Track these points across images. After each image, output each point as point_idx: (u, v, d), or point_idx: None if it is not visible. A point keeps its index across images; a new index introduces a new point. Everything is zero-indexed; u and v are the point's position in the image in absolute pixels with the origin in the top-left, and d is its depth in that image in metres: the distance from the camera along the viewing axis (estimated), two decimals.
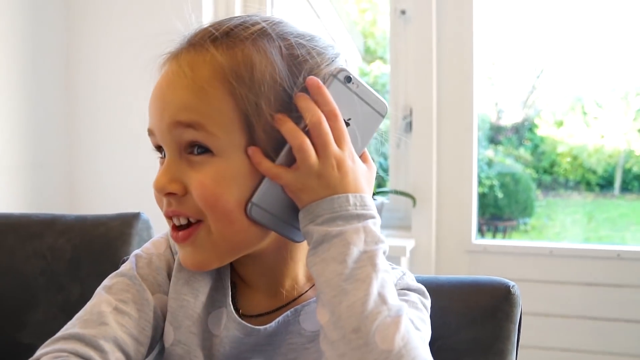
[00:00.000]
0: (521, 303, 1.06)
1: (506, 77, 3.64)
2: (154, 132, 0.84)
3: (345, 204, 0.79)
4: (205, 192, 0.79)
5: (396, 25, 2.70)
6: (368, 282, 0.74)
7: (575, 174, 3.70)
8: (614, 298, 2.58)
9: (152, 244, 0.94)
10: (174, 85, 0.81)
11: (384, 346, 0.70)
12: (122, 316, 0.83)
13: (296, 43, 0.83)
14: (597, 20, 3.27)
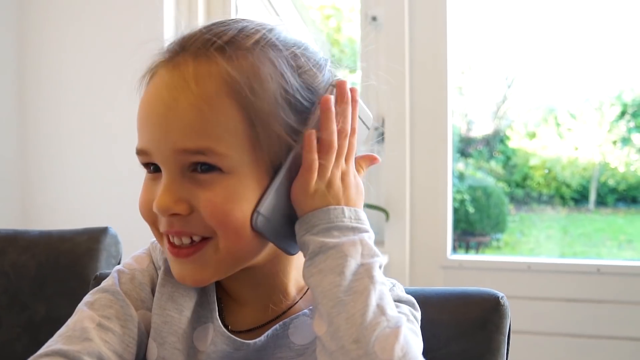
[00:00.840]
0: (510, 314, 1.10)
1: (476, 87, 3.66)
2: (150, 152, 0.85)
3: (341, 215, 0.84)
4: (217, 211, 0.82)
5: (367, 32, 2.73)
6: (366, 294, 0.79)
7: (549, 188, 3.74)
8: (594, 314, 2.63)
9: (134, 260, 0.97)
10: (178, 103, 0.82)
11: (384, 356, 0.75)
12: (105, 332, 0.86)
13: (298, 52, 0.88)
14: (570, 28, 3.33)
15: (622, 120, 3.60)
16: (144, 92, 0.88)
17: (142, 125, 0.86)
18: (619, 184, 3.68)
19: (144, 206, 0.88)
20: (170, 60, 0.86)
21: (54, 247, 1.61)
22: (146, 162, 0.88)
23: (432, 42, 2.70)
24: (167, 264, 0.93)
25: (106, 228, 1.63)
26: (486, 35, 3.43)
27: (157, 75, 0.86)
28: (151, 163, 0.87)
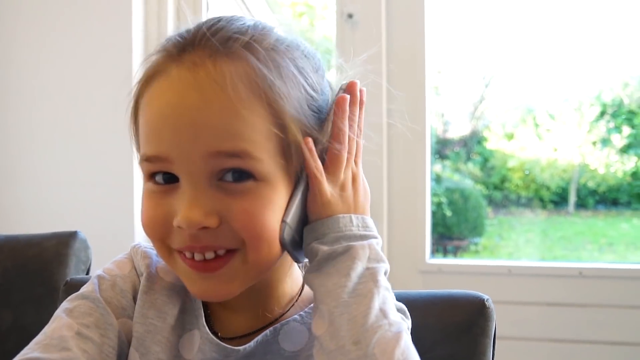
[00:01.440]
0: (495, 317, 1.13)
1: (453, 87, 3.68)
2: (172, 158, 0.81)
3: (349, 224, 0.86)
4: (253, 221, 0.81)
5: (342, 30, 2.75)
6: (370, 297, 0.81)
7: (528, 190, 3.74)
8: (576, 318, 2.66)
9: (115, 265, 0.96)
10: (210, 104, 0.80)
11: (384, 359, 0.76)
12: (84, 341, 0.85)
13: (306, 52, 0.89)
14: (549, 27, 3.35)
15: (601, 121, 3.62)
16: (148, 94, 0.85)
17: (161, 129, 0.82)
18: (599, 186, 3.70)
19: (154, 222, 0.85)
20: (180, 58, 0.83)
21: (20, 252, 1.61)
22: (157, 171, 0.84)
23: (410, 40, 2.72)
24: (149, 270, 0.94)
25: (75, 232, 1.63)
26: (463, 34, 3.44)
27: (168, 75, 0.83)
28: (164, 172, 0.84)
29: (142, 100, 0.86)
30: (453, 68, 3.62)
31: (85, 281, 0.95)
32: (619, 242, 3.73)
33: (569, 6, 3.33)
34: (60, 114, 2.59)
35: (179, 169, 0.82)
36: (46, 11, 2.63)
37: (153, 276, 0.94)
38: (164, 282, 0.94)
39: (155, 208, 0.85)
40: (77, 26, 2.58)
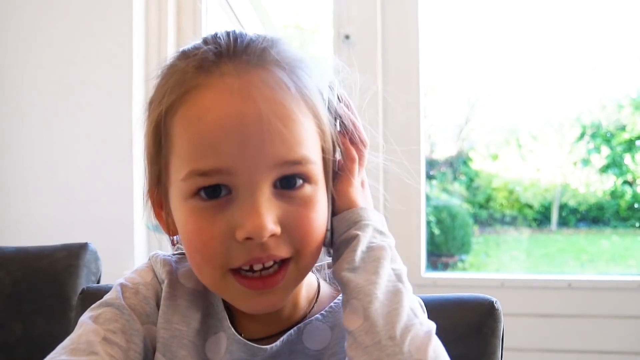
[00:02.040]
0: (503, 318, 1.16)
1: (439, 109, 3.68)
2: (234, 170, 0.79)
3: (374, 218, 0.90)
4: (312, 226, 0.82)
5: (340, 50, 2.76)
6: (400, 296, 0.82)
7: (512, 209, 3.75)
8: (566, 328, 2.68)
9: (136, 274, 0.95)
10: (276, 112, 0.78)
11: (418, 356, 0.77)
12: (111, 347, 0.85)
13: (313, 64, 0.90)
14: (531, 52, 3.39)
15: (581, 142, 3.65)
16: (191, 106, 0.81)
17: (220, 142, 0.78)
18: (580, 205, 3.71)
19: (211, 240, 0.81)
20: (220, 69, 0.81)
21: (31, 263, 1.61)
22: (209, 185, 0.80)
23: (405, 60, 2.75)
24: (171, 277, 0.93)
25: (86, 244, 1.62)
26: (449, 58, 3.47)
27: (213, 86, 0.80)
28: (214, 186, 0.80)
29: (177, 117, 0.82)
30: (439, 91, 3.64)
31: (102, 290, 0.98)
32: (599, 258, 3.75)
33: (550, 34, 3.37)
34: (69, 132, 2.58)
35: (240, 180, 0.79)
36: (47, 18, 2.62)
37: (175, 282, 0.94)
38: (185, 287, 0.94)
39: (212, 225, 0.81)
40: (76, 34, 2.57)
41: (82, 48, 2.54)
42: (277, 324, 0.93)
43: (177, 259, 0.97)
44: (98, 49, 2.50)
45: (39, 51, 2.61)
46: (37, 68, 2.61)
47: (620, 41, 2.98)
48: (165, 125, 0.84)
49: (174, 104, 0.82)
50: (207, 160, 0.79)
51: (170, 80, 0.83)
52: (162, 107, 0.83)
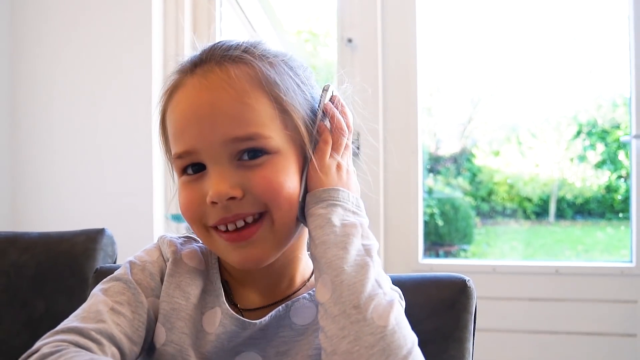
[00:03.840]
0: (476, 295, 1.16)
1: (444, 109, 3.70)
2: (198, 149, 0.89)
3: (346, 198, 0.92)
4: (272, 183, 0.88)
5: (343, 53, 2.79)
6: (367, 268, 0.85)
7: (512, 202, 3.77)
8: (554, 312, 2.69)
9: (145, 253, 1.00)
10: (221, 100, 0.88)
11: (380, 322, 0.80)
12: (117, 316, 0.89)
13: (292, 57, 0.98)
14: (531, 53, 3.39)
15: (578, 139, 3.66)
16: (171, 105, 0.94)
17: (185, 128, 0.90)
18: (577, 198, 3.72)
19: (191, 204, 0.92)
20: (193, 71, 0.92)
21: (52, 247, 1.62)
22: (188, 164, 0.91)
23: (404, 61, 2.76)
24: (175, 256, 0.98)
25: (103, 229, 1.63)
26: (453, 60, 3.47)
27: (185, 85, 0.92)
28: (193, 164, 0.91)
29: (168, 111, 0.95)
30: (444, 91, 3.66)
31: (114, 269, 0.99)
32: (594, 248, 3.75)
33: (548, 37, 3.36)
34: (94, 130, 2.61)
35: (205, 157, 0.89)
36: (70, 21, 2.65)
37: (178, 261, 0.98)
38: (188, 266, 0.98)
39: (191, 194, 0.91)
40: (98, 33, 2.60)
41: (106, 55, 2.57)
42: (272, 296, 0.98)
43: (182, 241, 1.02)
44: (121, 57, 2.54)
45: (67, 58, 2.65)
46: (66, 72, 2.64)
47: (614, 45, 2.98)
48: (164, 117, 0.96)
49: (166, 100, 0.95)
50: (178, 145, 0.91)
51: (167, 81, 0.96)
52: (162, 103, 0.96)
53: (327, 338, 0.82)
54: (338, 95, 1.01)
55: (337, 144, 0.96)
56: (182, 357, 0.92)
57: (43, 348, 0.81)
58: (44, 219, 2.63)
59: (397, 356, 0.79)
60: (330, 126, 0.96)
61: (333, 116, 0.97)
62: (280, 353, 0.94)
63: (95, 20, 2.60)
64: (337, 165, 0.95)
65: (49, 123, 2.67)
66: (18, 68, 2.69)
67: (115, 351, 0.86)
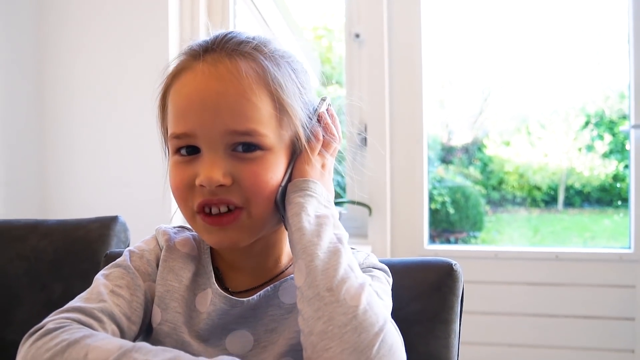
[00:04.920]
0: (463, 279, 1.18)
1: (456, 100, 3.69)
2: (196, 134, 0.91)
3: (320, 192, 0.96)
4: (258, 180, 0.91)
5: (351, 48, 2.80)
6: (339, 254, 0.88)
7: (522, 191, 3.75)
8: (553, 296, 2.69)
9: (143, 242, 1.06)
10: (227, 92, 0.90)
11: (352, 303, 0.82)
12: (117, 298, 0.94)
13: (296, 60, 1.01)
14: (540, 46, 3.38)
15: (586, 130, 3.63)
16: (176, 85, 0.95)
17: (187, 112, 0.92)
18: (585, 187, 3.69)
19: (180, 183, 0.94)
20: (203, 57, 0.93)
21: (69, 233, 1.66)
22: (183, 145, 0.93)
23: (409, 55, 2.77)
24: (168, 244, 1.03)
25: (116, 217, 1.68)
26: (464, 53, 3.47)
27: (193, 70, 0.93)
28: (187, 146, 0.93)
29: (171, 90, 0.96)
30: (456, 84, 3.66)
31: (122, 254, 1.04)
32: (601, 236, 3.70)
33: (557, 30, 3.35)
34: (102, 118, 2.65)
35: (201, 142, 0.91)
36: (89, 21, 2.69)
37: (171, 248, 1.03)
38: (180, 252, 1.03)
39: (181, 174, 0.93)
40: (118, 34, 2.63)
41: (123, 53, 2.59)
42: (260, 276, 1.02)
43: (176, 231, 1.07)
44: (137, 56, 2.56)
45: (87, 56, 2.68)
46: (85, 69, 2.68)
47: (622, 36, 2.95)
48: (165, 95, 0.98)
49: (171, 80, 0.97)
50: (179, 125, 0.93)
51: (174, 62, 0.98)
52: (166, 81, 0.98)
53: (304, 320, 0.85)
54: (332, 108, 1.05)
55: (327, 146, 1.01)
56: (176, 334, 0.96)
57: (48, 324, 0.85)
58: (68, 207, 2.67)
59: (369, 333, 0.81)
60: (324, 131, 1.00)
61: (327, 123, 1.01)
62: (269, 330, 0.97)
63: (114, 25, 2.63)
64: (322, 164, 1.00)
65: (73, 119, 2.70)
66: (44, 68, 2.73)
67: (115, 328, 0.91)
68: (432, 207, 3.42)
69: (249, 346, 0.97)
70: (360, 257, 1.01)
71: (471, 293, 2.69)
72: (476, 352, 2.74)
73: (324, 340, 0.81)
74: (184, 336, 0.96)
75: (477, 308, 2.70)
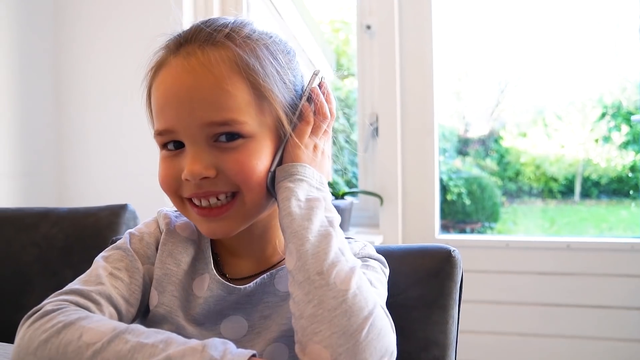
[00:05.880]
0: (462, 265, 1.15)
1: (472, 92, 3.67)
2: (176, 130, 0.90)
3: (311, 175, 0.93)
4: (244, 167, 0.90)
5: (362, 39, 2.79)
6: (329, 238, 0.86)
7: (538, 182, 3.71)
8: (563, 285, 2.66)
9: (144, 225, 1.05)
10: (201, 84, 0.89)
11: (342, 286, 0.81)
12: (115, 280, 0.93)
13: (276, 40, 0.98)
14: (556, 37, 3.34)
15: (602, 121, 3.58)
16: (156, 82, 0.94)
17: (164, 108, 0.91)
18: (601, 178, 3.64)
19: (167, 178, 0.94)
20: (178, 51, 0.92)
21: (80, 221, 1.67)
22: (167, 141, 0.93)
23: (420, 46, 2.75)
24: (168, 227, 1.01)
25: (125, 205, 1.68)
26: (480, 44, 3.44)
27: (168, 65, 0.92)
28: (172, 141, 0.92)
29: (153, 88, 0.95)
30: (472, 76, 3.64)
31: None
32: (618, 226, 3.67)
33: (574, 21, 3.31)
34: (113, 113, 2.67)
35: (183, 137, 0.91)
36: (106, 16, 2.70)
37: (171, 232, 1.01)
38: (180, 236, 1.01)
39: (168, 168, 0.93)
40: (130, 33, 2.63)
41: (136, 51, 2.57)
42: (257, 264, 1.01)
43: (177, 214, 1.05)
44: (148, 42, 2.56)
45: (101, 54, 2.70)
46: (100, 66, 2.70)
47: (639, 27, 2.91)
48: (148, 95, 0.99)
49: (152, 77, 0.96)
50: (159, 122, 0.93)
51: (154, 57, 0.97)
52: (148, 78, 0.97)
53: (295, 303, 0.84)
54: (326, 82, 1.02)
55: (317, 126, 0.98)
56: (171, 318, 0.96)
57: (46, 306, 0.86)
58: (84, 197, 2.70)
59: (358, 317, 0.79)
60: (314, 109, 0.97)
61: (317, 100, 0.98)
62: (264, 317, 0.96)
63: (128, 23, 2.65)
64: (314, 146, 0.97)
65: (88, 113, 2.73)
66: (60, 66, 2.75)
67: (112, 311, 0.90)
68: (448, 199, 3.42)
69: (243, 332, 0.96)
70: (356, 247, 0.99)
71: (482, 282, 2.70)
72: (486, 341, 2.72)
73: (313, 323, 0.80)
74: (179, 320, 0.96)
75: (488, 297, 2.68)
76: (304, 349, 0.81)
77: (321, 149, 0.98)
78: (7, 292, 1.66)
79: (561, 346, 2.72)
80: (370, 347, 0.79)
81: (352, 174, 3.00)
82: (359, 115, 2.80)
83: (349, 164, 3.16)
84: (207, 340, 0.79)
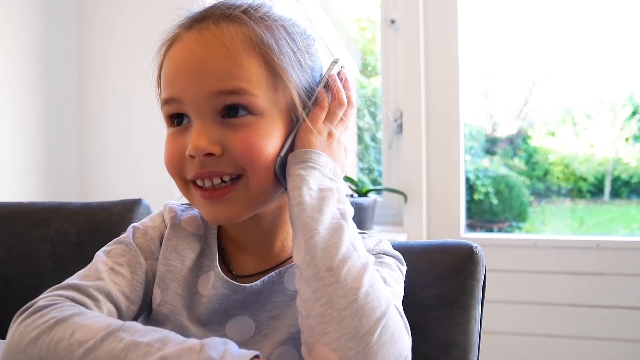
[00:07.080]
0: (485, 263, 1.07)
1: (500, 91, 3.66)
2: (183, 99, 0.86)
3: (326, 164, 0.87)
4: (251, 147, 0.84)
5: (386, 34, 2.77)
6: (341, 231, 0.79)
7: (567, 182, 3.70)
8: (594, 286, 2.61)
9: (149, 219, 0.99)
10: (212, 54, 0.84)
11: (354, 284, 0.74)
12: (116, 276, 0.88)
13: (295, 23, 0.93)
14: (585, 35, 3.30)
15: (633, 120, 3.54)
16: (167, 57, 0.90)
17: (173, 77, 0.87)
18: (632, 178, 3.60)
19: (172, 156, 0.88)
20: (192, 26, 0.88)
21: (93, 216, 1.63)
22: (173, 113, 0.88)
23: (445, 41, 2.72)
24: (173, 221, 0.96)
25: (139, 199, 1.64)
26: (508, 44, 3.43)
27: (182, 39, 0.88)
28: (178, 114, 0.88)
29: (164, 62, 0.91)
30: (500, 75, 3.62)
31: None
32: None
33: (603, 19, 3.27)
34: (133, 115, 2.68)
35: (189, 109, 0.86)
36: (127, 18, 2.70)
37: (176, 226, 0.96)
38: (185, 231, 0.96)
39: (173, 145, 0.88)
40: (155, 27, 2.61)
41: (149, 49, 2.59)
42: (265, 261, 0.94)
43: (184, 208, 1.00)
44: None
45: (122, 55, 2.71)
46: (120, 67, 2.71)
47: None
48: (159, 72, 0.93)
49: (164, 53, 0.92)
50: (166, 91, 0.88)
51: (166, 35, 0.92)
52: (159, 60, 0.93)
53: (302, 301, 0.77)
54: (345, 70, 0.96)
55: (332, 113, 0.91)
56: (174, 317, 0.90)
57: (40, 301, 0.81)
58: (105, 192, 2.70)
59: (370, 318, 0.73)
60: (331, 96, 0.91)
61: (337, 87, 0.92)
62: (272, 317, 0.90)
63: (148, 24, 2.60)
64: (328, 133, 0.90)
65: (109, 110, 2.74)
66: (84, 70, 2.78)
67: (111, 307, 0.85)
68: (475, 198, 3.39)
69: (250, 333, 0.90)
70: (370, 243, 0.93)
71: (509, 282, 2.65)
72: (512, 343, 2.67)
73: (321, 324, 0.73)
74: (182, 319, 0.90)
75: (514, 297, 2.62)
76: (311, 351, 0.75)
77: (337, 138, 0.92)
78: (20, 287, 1.63)
79: (590, 348, 2.66)
80: (382, 350, 0.72)
81: (377, 172, 2.99)
82: (382, 111, 2.78)
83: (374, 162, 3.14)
84: (207, 340, 0.72)
